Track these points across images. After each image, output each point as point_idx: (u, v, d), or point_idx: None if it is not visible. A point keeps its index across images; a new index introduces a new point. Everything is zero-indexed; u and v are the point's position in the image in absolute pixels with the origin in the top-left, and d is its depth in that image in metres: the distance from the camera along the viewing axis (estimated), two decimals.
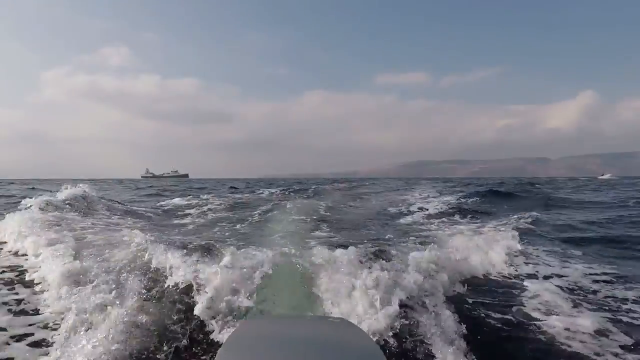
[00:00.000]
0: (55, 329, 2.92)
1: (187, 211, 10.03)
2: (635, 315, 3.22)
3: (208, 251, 3.92)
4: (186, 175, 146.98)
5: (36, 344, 2.77)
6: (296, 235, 6.61)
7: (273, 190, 18.68)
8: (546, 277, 4.18)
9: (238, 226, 7.73)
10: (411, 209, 10.44)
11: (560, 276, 4.21)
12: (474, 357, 2.62)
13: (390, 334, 2.71)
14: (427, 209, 9.93)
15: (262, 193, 17.88)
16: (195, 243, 4.30)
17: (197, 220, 8.69)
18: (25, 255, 4.67)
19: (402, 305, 2.97)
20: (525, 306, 3.39)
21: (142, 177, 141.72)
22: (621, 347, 2.73)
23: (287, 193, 17.33)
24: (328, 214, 9.20)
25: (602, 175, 64.27)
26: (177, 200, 12.81)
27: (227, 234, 6.89)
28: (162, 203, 12.22)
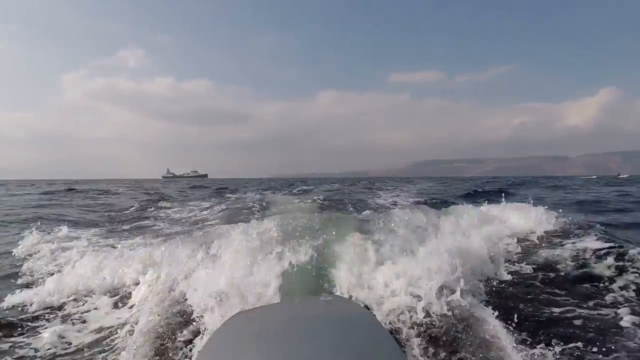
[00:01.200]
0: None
1: None
2: None
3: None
4: (205, 175, 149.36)
5: None
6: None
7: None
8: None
9: None
10: None
11: None
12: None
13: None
14: None
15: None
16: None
17: None
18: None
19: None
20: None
21: (163, 177, 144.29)
22: None
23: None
24: None
25: (619, 175, 61.75)
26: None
27: None
28: None
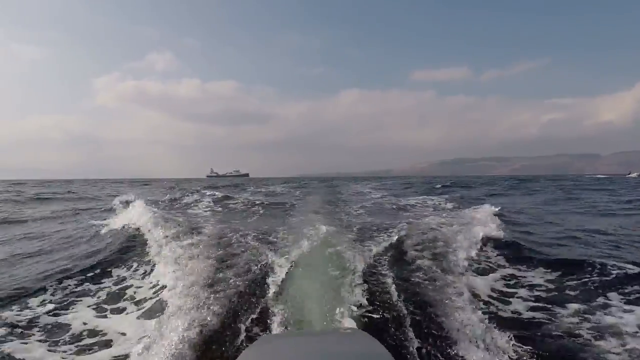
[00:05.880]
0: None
1: None
2: None
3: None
4: (247, 175, 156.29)
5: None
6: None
7: None
8: None
9: None
10: None
11: None
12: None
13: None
14: None
15: None
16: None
17: None
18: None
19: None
20: None
21: (207, 176, 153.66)
22: None
23: None
24: None
25: (629, 174, 59.38)
26: None
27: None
28: None
